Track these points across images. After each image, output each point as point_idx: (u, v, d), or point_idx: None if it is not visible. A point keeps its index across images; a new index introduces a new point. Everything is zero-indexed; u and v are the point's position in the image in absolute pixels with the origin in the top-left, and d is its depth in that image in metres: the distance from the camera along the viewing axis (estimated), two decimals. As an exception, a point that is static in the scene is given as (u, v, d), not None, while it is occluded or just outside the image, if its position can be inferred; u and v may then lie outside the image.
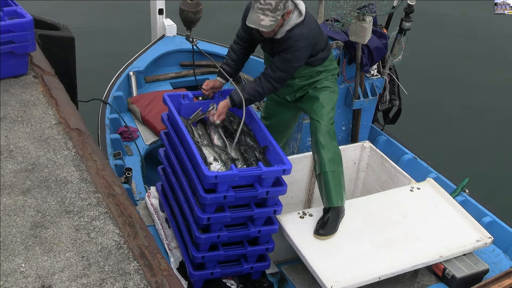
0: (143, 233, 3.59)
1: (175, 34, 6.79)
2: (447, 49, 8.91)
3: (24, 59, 4.79)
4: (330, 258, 3.95)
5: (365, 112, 5.44)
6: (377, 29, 4.99)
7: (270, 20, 3.74)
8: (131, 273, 3.29)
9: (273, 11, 3.72)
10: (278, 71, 3.95)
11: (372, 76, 5.28)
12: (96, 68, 7.41)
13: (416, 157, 5.50)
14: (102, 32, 8.80)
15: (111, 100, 5.70)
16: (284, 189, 3.83)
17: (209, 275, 4.01)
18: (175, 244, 4.36)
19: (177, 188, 4.12)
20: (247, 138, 4.13)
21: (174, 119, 4.09)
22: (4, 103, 4.54)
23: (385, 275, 3.92)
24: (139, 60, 6.34)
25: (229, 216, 3.77)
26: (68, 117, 4.47)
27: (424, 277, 4.17)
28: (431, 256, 4.07)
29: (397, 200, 4.49)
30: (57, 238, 3.45)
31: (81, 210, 3.66)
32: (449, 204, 4.51)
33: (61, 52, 5.57)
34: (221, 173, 3.61)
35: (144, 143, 5.49)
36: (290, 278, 4.13)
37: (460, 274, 4.04)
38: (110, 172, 4.08)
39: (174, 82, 6.43)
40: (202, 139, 4.08)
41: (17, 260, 3.29)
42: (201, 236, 3.80)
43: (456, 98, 7.86)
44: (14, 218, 3.56)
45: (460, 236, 4.24)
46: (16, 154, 4.05)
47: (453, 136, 7.12)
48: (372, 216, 4.31)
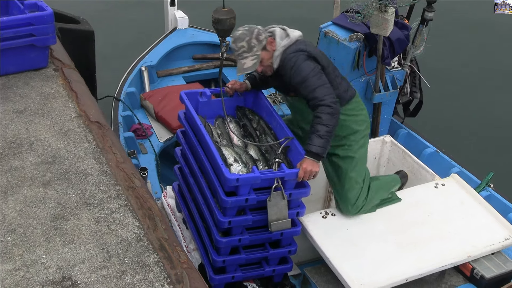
0: (162, 225, 3.58)
1: (187, 26, 6.66)
2: (471, 40, 8.66)
3: (45, 52, 4.80)
4: (355, 259, 3.82)
5: (385, 106, 5.29)
6: (399, 20, 4.82)
7: (251, 60, 3.65)
8: (151, 265, 3.29)
9: (248, 50, 3.64)
10: (318, 95, 3.60)
11: (393, 68, 5.12)
12: (108, 62, 7.27)
13: (438, 151, 5.35)
14: (115, 24, 8.64)
15: (123, 97, 5.58)
16: (308, 191, 3.70)
17: (230, 279, 3.89)
18: (194, 246, 4.24)
19: (195, 189, 4.00)
20: (267, 137, 3.99)
21: (191, 118, 3.96)
22: (24, 95, 4.56)
23: (412, 277, 3.79)
24: (151, 54, 6.22)
25: (251, 219, 3.65)
26: (88, 110, 4.48)
27: (452, 277, 4.04)
28: (459, 256, 3.93)
29: (421, 197, 4.35)
30: (77, 230, 3.47)
31: (101, 203, 3.67)
32: (475, 201, 4.36)
33: (80, 46, 5.60)
34: (242, 176, 3.47)
35: (158, 140, 5.37)
36: (314, 280, 4.01)
37: (489, 274, 3.91)
38: (130, 165, 4.08)
39: (187, 76, 6.31)
40: (221, 139, 3.95)
41: (38, 252, 3.31)
42: (222, 240, 3.68)
43: (479, 90, 7.65)
44: (35, 210, 3.58)
45: (488, 235, 4.10)
46: (37, 146, 4.07)
47: (476, 129, 6.93)
48: (397, 215, 4.17)
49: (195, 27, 6.69)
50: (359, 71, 4.96)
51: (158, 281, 3.20)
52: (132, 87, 5.75)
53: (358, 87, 5.04)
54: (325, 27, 4.96)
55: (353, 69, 4.90)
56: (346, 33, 4.85)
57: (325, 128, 3.57)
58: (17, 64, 4.70)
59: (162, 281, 3.21)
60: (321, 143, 3.58)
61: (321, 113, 3.58)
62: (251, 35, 3.64)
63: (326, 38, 4.90)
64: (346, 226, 4.00)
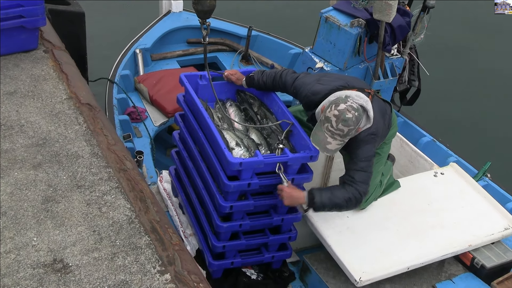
0: (154, 208, 3.57)
1: (181, 9, 6.55)
2: (472, 28, 8.61)
3: (34, 33, 4.72)
4: (356, 248, 3.78)
5: (383, 93, 5.23)
6: (400, 6, 4.75)
7: (337, 143, 3.38)
8: (143, 247, 3.30)
9: (343, 136, 3.36)
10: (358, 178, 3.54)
11: (392, 55, 5.07)
12: (101, 44, 7.13)
13: (434, 140, 5.32)
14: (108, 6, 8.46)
15: (118, 79, 5.47)
16: (310, 176, 3.65)
17: (229, 264, 3.83)
18: (191, 231, 4.18)
19: (195, 173, 3.92)
20: (269, 122, 3.92)
21: (192, 101, 3.87)
22: (14, 77, 4.48)
23: (413, 265, 3.76)
24: (145, 37, 6.11)
25: (252, 204, 3.59)
26: (78, 92, 4.43)
27: (451, 266, 4.02)
28: (460, 245, 3.91)
29: (421, 186, 4.32)
30: (68, 212, 3.45)
31: (92, 185, 3.65)
32: (475, 190, 4.35)
33: (71, 27, 5.53)
34: (246, 160, 3.40)
35: (153, 124, 5.27)
36: (314, 267, 3.97)
37: (490, 264, 3.90)
38: (121, 147, 4.06)
39: (181, 60, 6.21)
40: (222, 123, 3.87)
41: (29, 234, 3.29)
42: (223, 225, 3.62)
43: (476, 79, 7.61)
44: (26, 192, 3.55)
45: (488, 224, 4.09)
46: (27, 128, 4.02)
47: (473, 118, 6.90)
48: (397, 203, 4.13)
49: (190, 11, 6.58)
50: (359, 58, 4.89)
51: (150, 263, 3.22)
52: (127, 69, 5.64)
53: (358, 73, 4.98)
54: (326, 12, 4.88)
55: (354, 55, 4.83)
56: (347, 19, 4.78)
57: (339, 201, 3.53)
58: (6, 46, 4.61)
59: (153, 263, 3.23)
60: (326, 201, 3.53)
61: (349, 192, 3.53)
62: (356, 125, 3.36)
63: (327, 24, 4.82)
64: (347, 213, 3.95)
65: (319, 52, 4.95)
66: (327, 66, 4.86)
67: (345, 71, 4.86)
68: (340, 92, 3.51)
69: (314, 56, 4.96)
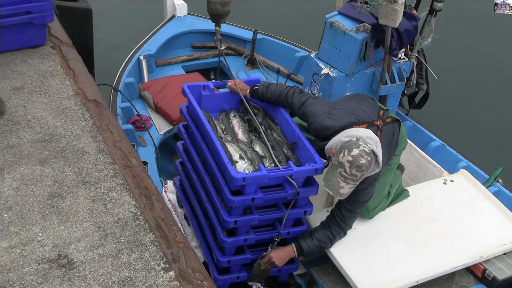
0: (159, 205, 3.57)
1: (185, 14, 6.49)
2: (480, 31, 8.46)
3: (42, 29, 4.75)
4: (364, 260, 3.70)
5: (391, 98, 5.13)
6: (407, 10, 4.64)
7: (349, 187, 3.35)
8: (147, 244, 3.30)
9: (356, 181, 3.33)
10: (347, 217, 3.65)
11: (399, 59, 4.96)
12: (106, 50, 7.09)
13: (444, 144, 5.22)
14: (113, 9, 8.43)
15: (122, 87, 5.41)
16: (316, 189, 3.57)
17: (235, 279, 3.78)
18: (196, 243, 4.11)
19: (199, 186, 3.86)
20: (273, 133, 3.85)
21: (194, 112, 3.81)
22: (22, 73, 4.53)
23: (423, 279, 3.68)
24: (149, 43, 6.05)
25: (257, 219, 3.52)
26: (85, 88, 4.46)
27: (462, 278, 3.93)
28: (471, 256, 3.82)
29: (430, 194, 4.23)
30: (73, 208, 3.47)
31: (97, 181, 3.67)
32: (486, 198, 4.25)
33: (78, 24, 5.59)
34: (249, 175, 3.33)
35: (158, 132, 5.21)
36: (321, 280, 3.89)
37: (502, 276, 3.81)
38: (127, 144, 4.06)
39: (186, 66, 6.14)
40: (225, 135, 3.80)
41: (34, 229, 3.31)
42: (228, 240, 3.55)
43: (486, 82, 7.46)
44: (32, 187, 3.57)
45: (499, 234, 3.99)
46: (34, 124, 4.06)
47: (484, 122, 6.77)
48: (406, 213, 4.05)
49: (194, 15, 6.51)
50: (365, 63, 4.80)
51: (154, 260, 3.21)
52: (131, 77, 5.58)
53: (364, 79, 4.88)
54: (330, 17, 4.78)
55: (360, 60, 4.73)
56: (352, 24, 4.67)
57: (326, 245, 3.70)
58: (14, 41, 4.66)
59: (158, 260, 3.22)
60: (314, 249, 3.68)
61: (334, 233, 3.67)
62: (368, 170, 3.34)
63: (332, 29, 4.72)
64: (354, 225, 3.86)
65: (325, 58, 4.85)
66: (333, 72, 4.76)
67: (351, 77, 4.77)
68: (351, 132, 3.43)
69: (320, 62, 4.86)
